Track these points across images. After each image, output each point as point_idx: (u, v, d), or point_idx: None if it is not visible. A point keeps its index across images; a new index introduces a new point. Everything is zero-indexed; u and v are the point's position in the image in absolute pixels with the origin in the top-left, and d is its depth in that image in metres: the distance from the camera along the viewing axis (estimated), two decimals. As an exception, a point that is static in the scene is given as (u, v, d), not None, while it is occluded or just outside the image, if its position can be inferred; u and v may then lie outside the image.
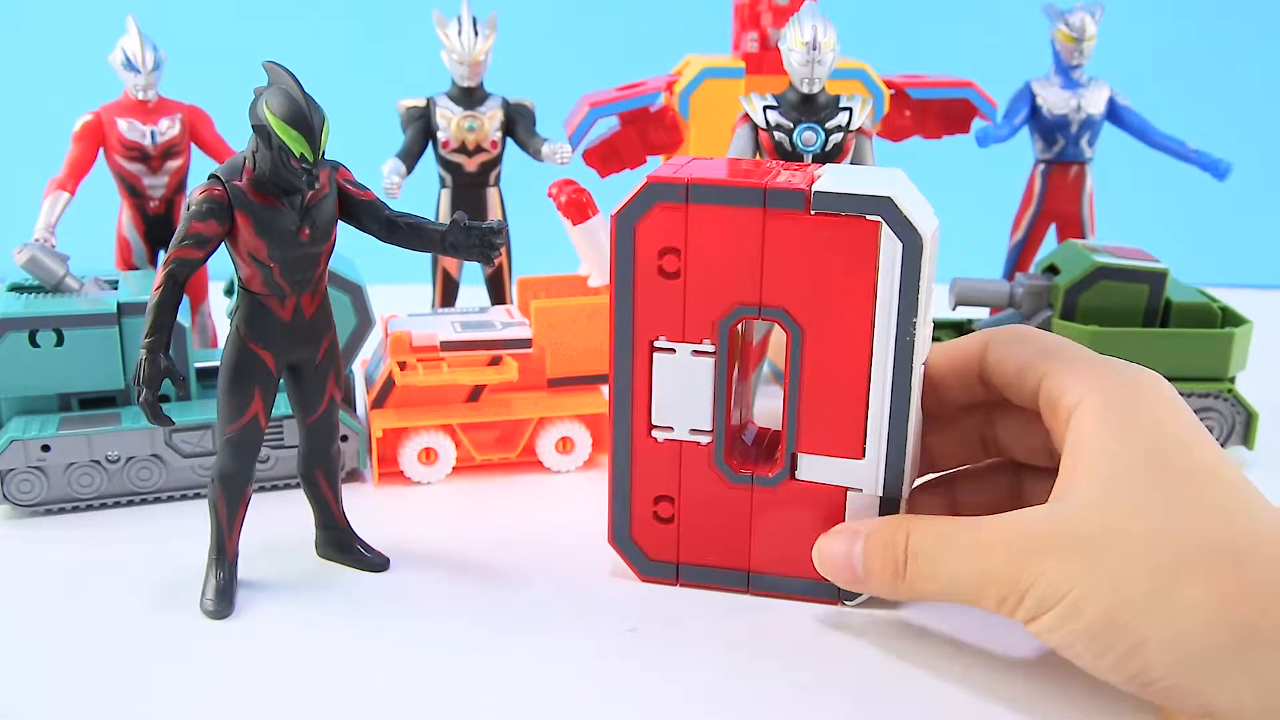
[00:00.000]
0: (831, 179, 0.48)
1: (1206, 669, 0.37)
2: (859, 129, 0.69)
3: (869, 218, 0.46)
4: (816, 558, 0.49)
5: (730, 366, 0.51)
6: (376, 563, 0.58)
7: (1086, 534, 0.40)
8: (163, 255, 0.50)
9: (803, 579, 0.52)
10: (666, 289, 0.49)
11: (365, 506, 0.64)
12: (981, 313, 0.84)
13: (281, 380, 0.54)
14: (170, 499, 0.66)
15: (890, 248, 0.46)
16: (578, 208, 0.74)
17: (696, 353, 0.50)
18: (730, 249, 0.48)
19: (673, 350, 0.50)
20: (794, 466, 0.50)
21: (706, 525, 0.52)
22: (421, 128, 0.84)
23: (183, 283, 0.49)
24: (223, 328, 0.62)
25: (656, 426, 0.51)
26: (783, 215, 0.47)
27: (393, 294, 0.88)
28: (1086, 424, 0.43)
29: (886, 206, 0.45)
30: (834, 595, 0.52)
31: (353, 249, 0.65)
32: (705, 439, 0.51)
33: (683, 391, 0.50)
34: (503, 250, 0.72)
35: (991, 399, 0.51)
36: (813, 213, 0.46)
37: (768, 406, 0.61)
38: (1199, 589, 0.37)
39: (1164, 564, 0.38)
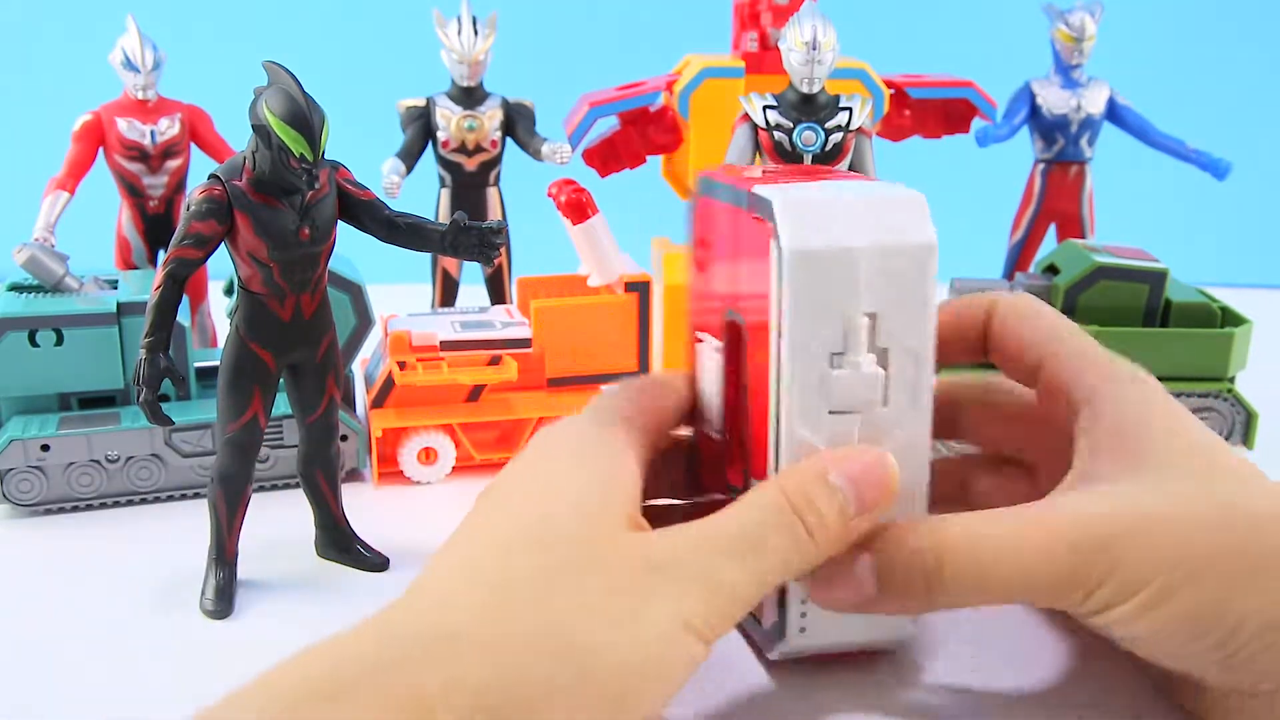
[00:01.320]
0: (784, 186, 0.42)
1: None
2: (859, 129, 0.69)
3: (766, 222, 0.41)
4: (814, 579, 0.41)
5: (734, 370, 0.47)
6: (376, 563, 0.58)
7: (1161, 515, 0.38)
8: (162, 255, 0.50)
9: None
10: (699, 281, 0.50)
11: (365, 506, 0.64)
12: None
13: (281, 380, 0.54)
14: (170, 499, 0.66)
15: (775, 257, 0.40)
16: (577, 207, 0.74)
17: (715, 349, 0.47)
18: (725, 248, 0.46)
19: (703, 342, 0.48)
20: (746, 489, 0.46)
21: None
22: (421, 127, 0.84)
23: (182, 282, 0.49)
24: (222, 328, 0.62)
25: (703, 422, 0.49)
26: (745, 215, 0.43)
27: (392, 294, 0.88)
28: (1109, 413, 0.42)
29: (767, 209, 0.40)
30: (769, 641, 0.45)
31: (353, 249, 0.65)
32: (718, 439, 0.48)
33: (707, 389, 0.48)
34: (502, 250, 0.72)
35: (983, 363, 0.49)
36: (753, 215, 0.42)
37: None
38: None
39: (1248, 537, 0.37)
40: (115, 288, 0.70)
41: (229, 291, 0.69)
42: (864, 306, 0.40)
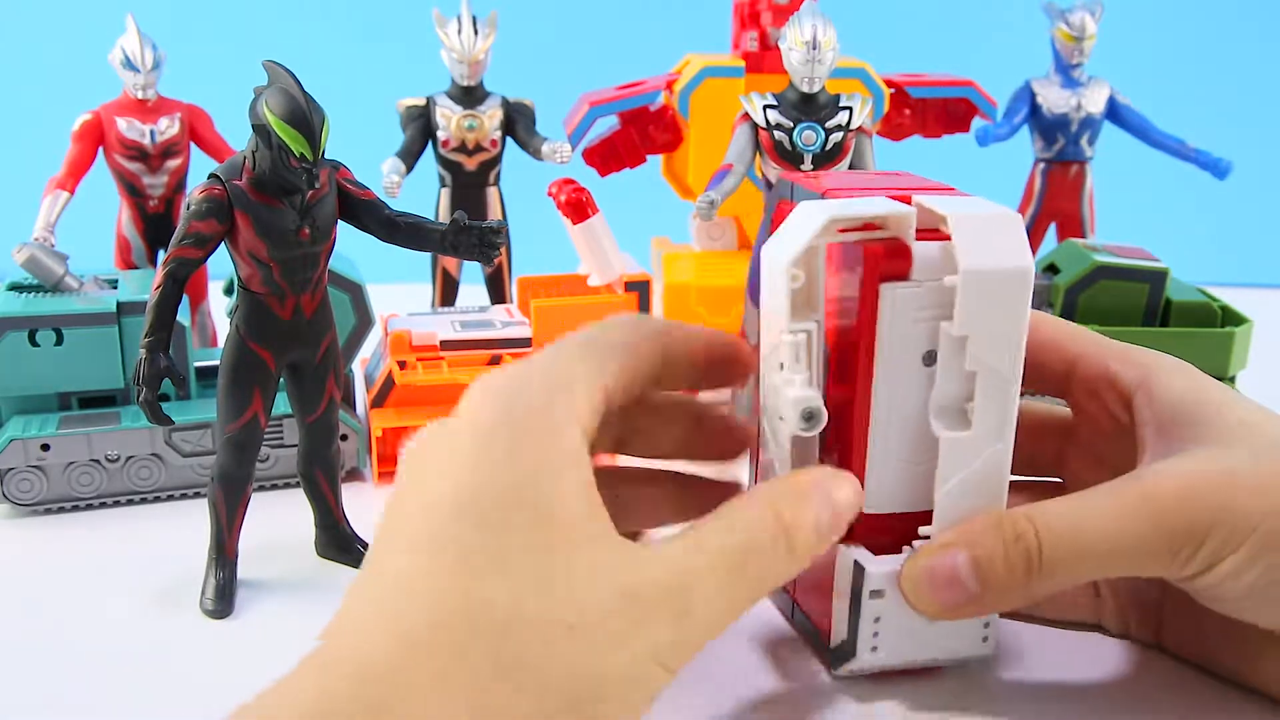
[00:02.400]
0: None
1: None
2: (859, 128, 0.69)
3: None
4: (909, 586, 0.41)
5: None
6: (376, 562, 0.58)
7: (1246, 471, 0.39)
8: (162, 254, 0.50)
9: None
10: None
11: (365, 506, 0.63)
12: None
13: (281, 379, 0.54)
14: (170, 498, 0.66)
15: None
16: (577, 207, 0.74)
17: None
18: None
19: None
20: None
21: None
22: (421, 127, 0.84)
23: (183, 282, 0.49)
24: (222, 327, 0.62)
25: None
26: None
27: (393, 293, 0.88)
28: (1165, 394, 0.42)
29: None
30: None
31: (353, 249, 0.65)
32: None
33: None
34: (502, 250, 0.72)
35: None
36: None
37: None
38: None
39: None
40: (115, 287, 0.70)
41: (229, 291, 0.69)
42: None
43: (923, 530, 0.42)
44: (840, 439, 0.42)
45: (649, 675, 0.33)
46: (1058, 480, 0.49)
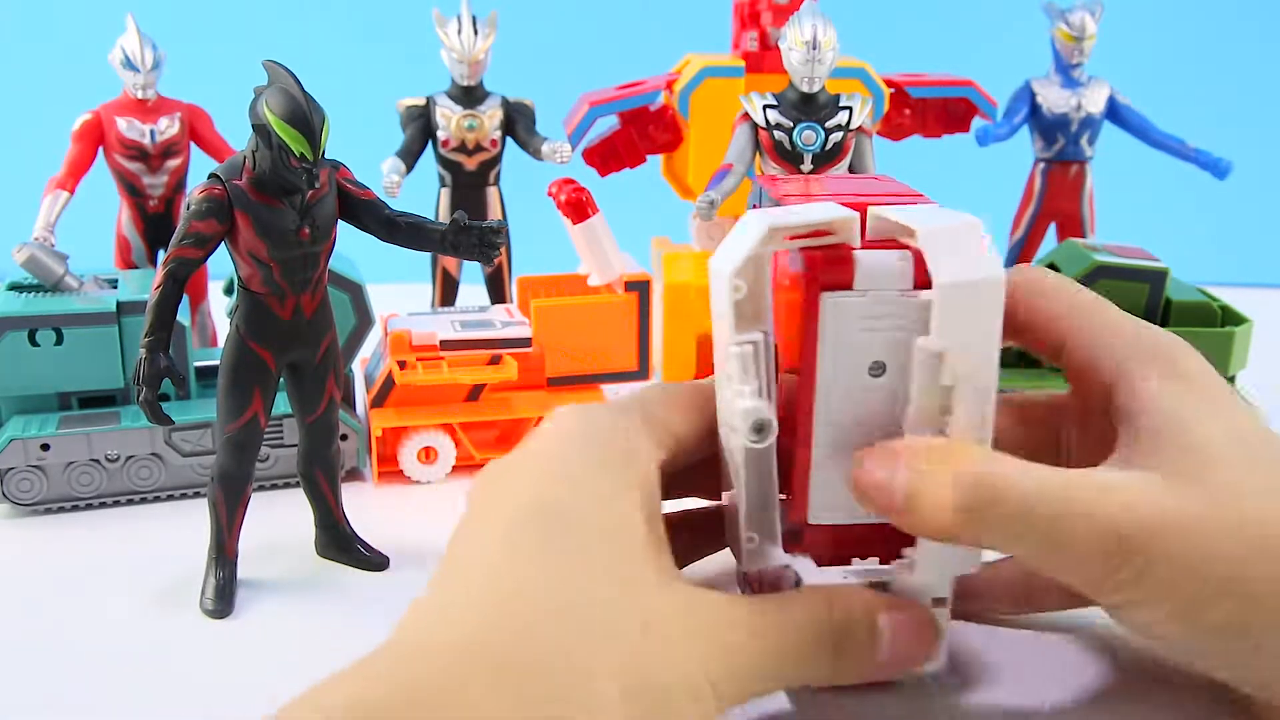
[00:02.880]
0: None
1: None
2: (859, 128, 0.69)
3: None
4: (855, 474, 0.39)
5: None
6: (376, 562, 0.58)
7: (1195, 523, 0.35)
8: (162, 254, 0.50)
9: None
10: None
11: (365, 506, 0.64)
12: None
13: (281, 379, 0.54)
14: (170, 498, 0.66)
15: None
16: (577, 207, 0.74)
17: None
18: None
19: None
20: None
21: None
22: (421, 127, 0.84)
23: (183, 282, 0.49)
24: (222, 327, 0.62)
25: None
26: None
27: (393, 293, 0.88)
28: (1139, 406, 0.39)
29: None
30: None
31: (353, 248, 0.65)
32: None
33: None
34: (502, 249, 0.72)
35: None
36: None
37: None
38: None
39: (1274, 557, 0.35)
40: (115, 287, 0.70)
41: (229, 291, 0.69)
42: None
43: (906, 552, 0.40)
44: (783, 449, 0.41)
45: (704, 692, 0.34)
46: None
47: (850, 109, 0.69)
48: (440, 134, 0.83)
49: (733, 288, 0.39)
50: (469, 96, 0.83)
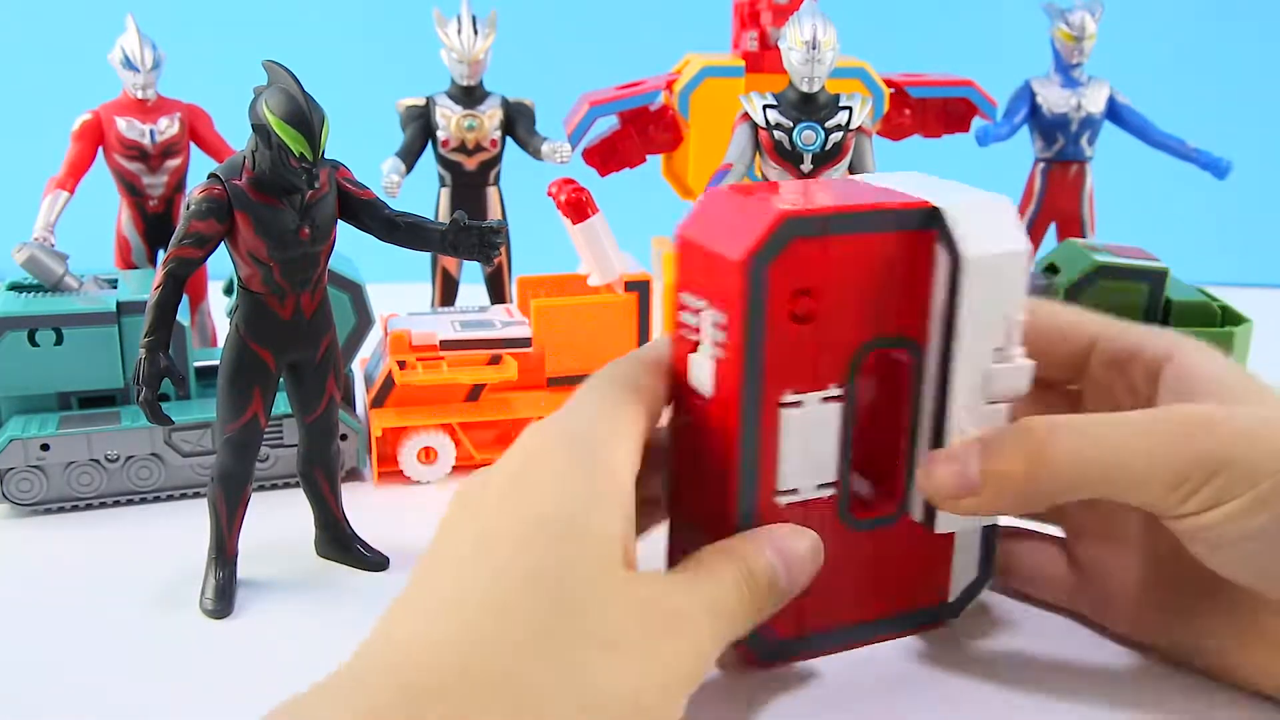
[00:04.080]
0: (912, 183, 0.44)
1: None
2: (859, 128, 0.69)
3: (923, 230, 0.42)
4: (923, 477, 0.42)
5: (891, 407, 0.46)
6: (376, 562, 0.58)
7: (1269, 423, 0.38)
8: (162, 254, 0.50)
9: (904, 612, 0.48)
10: (796, 335, 0.42)
11: (365, 506, 0.63)
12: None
13: (281, 379, 0.54)
14: (170, 498, 0.66)
15: (943, 262, 0.42)
16: (577, 207, 0.74)
17: (826, 399, 0.43)
18: (863, 279, 0.42)
19: (800, 404, 0.42)
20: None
21: (832, 583, 0.45)
22: (421, 127, 0.84)
23: (182, 282, 0.49)
24: (222, 327, 0.62)
25: (781, 492, 0.43)
26: (904, 236, 0.42)
27: (392, 293, 0.88)
28: (1193, 365, 0.42)
29: (935, 219, 0.42)
30: (934, 619, 0.48)
31: (353, 248, 0.65)
32: (831, 491, 0.44)
33: (811, 446, 0.43)
34: (502, 249, 0.72)
35: None
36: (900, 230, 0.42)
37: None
38: None
39: None
40: (115, 287, 0.70)
41: (229, 291, 0.69)
42: (1018, 305, 0.42)
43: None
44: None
45: (674, 699, 0.35)
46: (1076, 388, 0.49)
47: (850, 109, 0.69)
48: (440, 134, 0.83)
49: None
50: (469, 96, 0.83)
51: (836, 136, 0.69)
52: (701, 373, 0.42)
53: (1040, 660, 0.47)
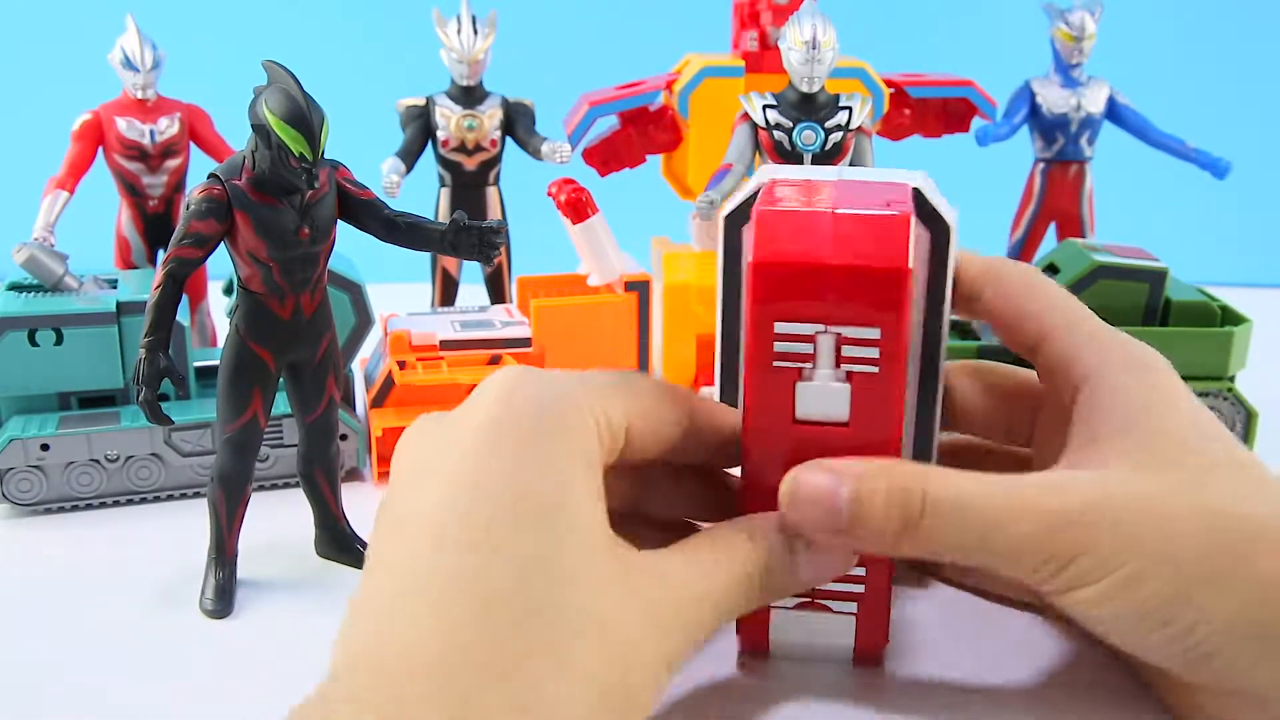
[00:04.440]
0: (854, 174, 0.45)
1: (1267, 645, 0.36)
2: (858, 128, 0.69)
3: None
4: (786, 490, 0.39)
5: None
6: (376, 562, 0.58)
7: (1143, 506, 0.38)
8: (162, 254, 0.50)
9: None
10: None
11: (365, 505, 0.63)
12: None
13: (281, 379, 0.54)
14: (170, 498, 0.66)
15: (920, 237, 0.42)
16: (577, 207, 0.75)
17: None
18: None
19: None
20: None
21: None
22: (421, 127, 0.84)
23: (182, 282, 0.49)
24: (222, 327, 0.62)
25: None
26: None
27: (392, 293, 0.88)
28: (1109, 399, 0.41)
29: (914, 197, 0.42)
30: None
31: (353, 249, 0.65)
32: None
33: None
34: (502, 250, 0.72)
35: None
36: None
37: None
38: (1270, 563, 0.36)
39: (1231, 539, 0.37)
40: (115, 287, 0.70)
41: (228, 291, 0.69)
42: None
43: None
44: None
45: (662, 680, 0.35)
46: (1028, 451, 0.48)
47: (850, 109, 0.69)
48: (440, 134, 0.83)
49: None
50: (469, 96, 0.83)
51: (836, 136, 0.69)
52: (832, 400, 0.40)
53: (1007, 659, 0.47)
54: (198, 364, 0.70)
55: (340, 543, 0.58)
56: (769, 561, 0.39)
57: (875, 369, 0.39)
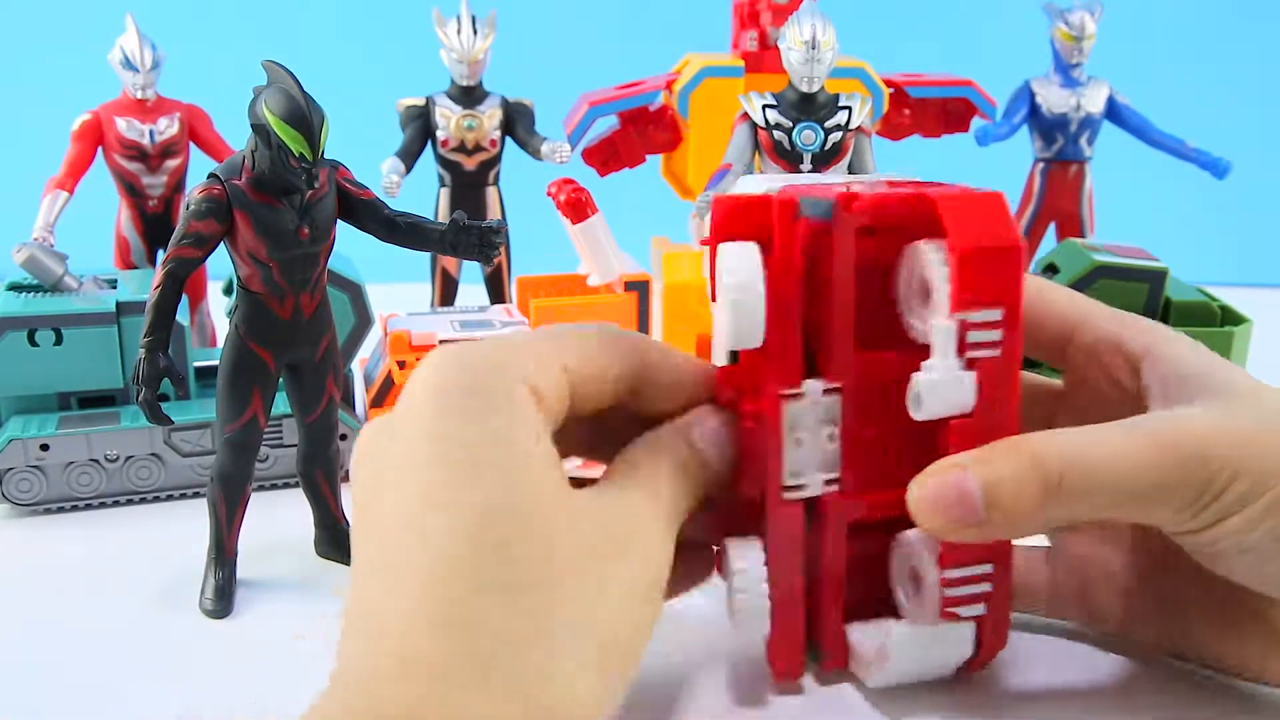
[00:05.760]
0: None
1: None
2: (858, 128, 0.69)
3: None
4: (916, 498, 0.39)
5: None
6: (376, 562, 0.58)
7: (1267, 427, 0.38)
8: (161, 254, 0.50)
9: None
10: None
11: (365, 506, 0.63)
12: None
13: (281, 379, 0.54)
14: (169, 498, 0.66)
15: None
16: (577, 207, 0.74)
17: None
18: None
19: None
20: None
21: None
22: (421, 127, 0.84)
23: (182, 282, 0.49)
24: (222, 327, 0.62)
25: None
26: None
27: (392, 293, 0.88)
28: (1171, 366, 0.42)
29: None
30: None
31: (353, 249, 0.65)
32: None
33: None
34: (502, 249, 0.72)
35: None
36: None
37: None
38: None
39: None
40: (114, 287, 0.70)
41: (228, 291, 0.69)
42: None
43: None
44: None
45: (642, 615, 0.36)
46: (1058, 383, 0.49)
47: (850, 109, 0.69)
48: (440, 134, 0.83)
49: None
50: (469, 96, 0.83)
51: (836, 136, 0.69)
52: (958, 389, 0.39)
53: (1037, 676, 0.47)
54: (198, 364, 0.70)
55: (340, 543, 0.58)
56: (692, 463, 0.40)
57: (998, 352, 0.39)
